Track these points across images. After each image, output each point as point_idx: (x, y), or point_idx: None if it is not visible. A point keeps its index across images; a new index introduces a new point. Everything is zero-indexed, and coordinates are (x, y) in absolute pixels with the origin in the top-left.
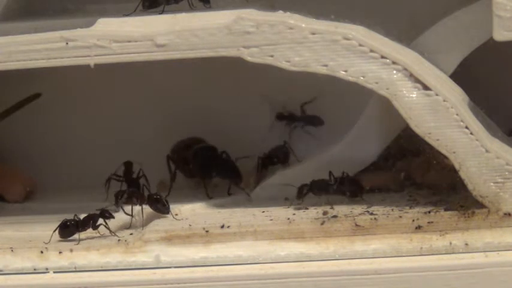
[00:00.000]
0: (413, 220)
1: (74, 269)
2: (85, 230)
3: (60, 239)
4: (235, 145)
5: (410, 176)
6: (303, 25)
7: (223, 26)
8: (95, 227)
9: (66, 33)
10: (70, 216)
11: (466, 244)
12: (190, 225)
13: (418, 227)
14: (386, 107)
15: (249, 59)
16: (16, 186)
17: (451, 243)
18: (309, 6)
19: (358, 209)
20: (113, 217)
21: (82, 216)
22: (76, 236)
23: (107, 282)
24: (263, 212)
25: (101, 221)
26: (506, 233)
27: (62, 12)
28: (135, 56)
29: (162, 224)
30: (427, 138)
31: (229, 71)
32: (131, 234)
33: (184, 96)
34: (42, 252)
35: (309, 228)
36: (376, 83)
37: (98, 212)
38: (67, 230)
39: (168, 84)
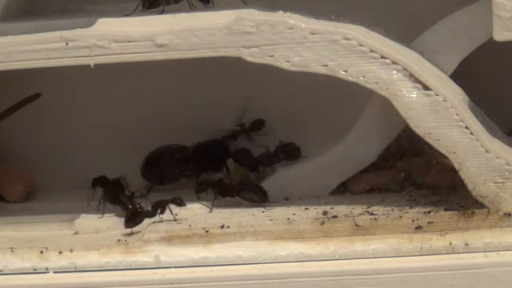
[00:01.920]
0: (413, 220)
1: (74, 269)
2: (152, 216)
3: (126, 229)
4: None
5: (410, 176)
6: (303, 25)
7: (223, 26)
8: (163, 212)
9: (66, 33)
10: (70, 216)
11: (466, 244)
12: (190, 225)
13: (418, 227)
14: (387, 107)
15: (249, 59)
16: (16, 186)
17: (451, 243)
18: (309, 6)
19: (358, 209)
20: (185, 205)
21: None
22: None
23: (107, 282)
24: (263, 212)
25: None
26: (506, 233)
27: (62, 12)
28: (135, 56)
29: (162, 224)
30: (427, 138)
31: (227, 71)
32: (131, 234)
33: (185, 97)
34: (42, 252)
35: (309, 228)
36: (376, 83)
37: (169, 198)
38: (134, 219)
39: (168, 84)
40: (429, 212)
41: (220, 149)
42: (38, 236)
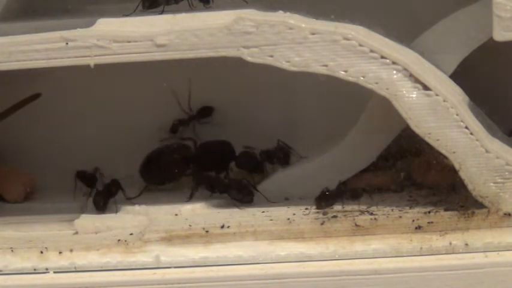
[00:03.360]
0: (413, 220)
1: (74, 269)
2: (337, 201)
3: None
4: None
5: (410, 176)
6: (303, 25)
7: (223, 26)
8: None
9: (66, 33)
10: (70, 216)
11: (466, 244)
12: (190, 225)
13: (418, 227)
14: (387, 107)
15: (249, 59)
16: (16, 186)
17: (451, 243)
18: (309, 6)
19: (358, 209)
20: (358, 197)
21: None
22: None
23: (107, 282)
24: (263, 212)
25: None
26: (506, 233)
27: (62, 12)
28: (135, 56)
29: (162, 224)
30: (427, 138)
31: (227, 71)
32: (131, 234)
33: (186, 97)
34: (42, 252)
35: (309, 228)
36: (376, 83)
37: (347, 189)
38: (327, 201)
39: (168, 84)
40: (429, 212)
41: (224, 150)
42: (38, 236)
